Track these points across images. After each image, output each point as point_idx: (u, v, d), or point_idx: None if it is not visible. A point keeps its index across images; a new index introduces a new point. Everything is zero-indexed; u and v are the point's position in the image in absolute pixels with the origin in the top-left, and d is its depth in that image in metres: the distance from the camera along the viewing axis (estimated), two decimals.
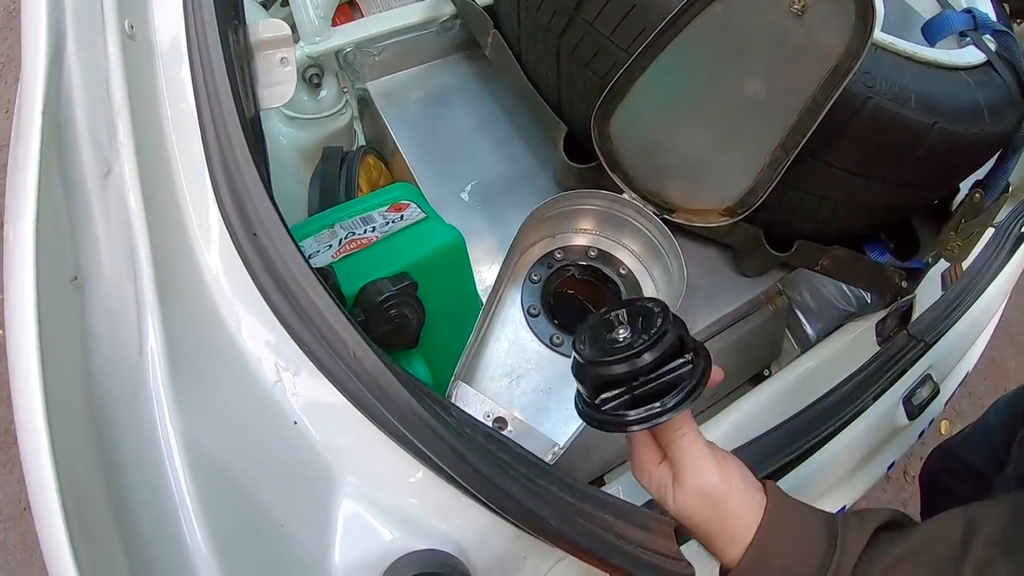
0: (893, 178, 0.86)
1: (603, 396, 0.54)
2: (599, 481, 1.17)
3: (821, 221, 0.94)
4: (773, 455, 1.00)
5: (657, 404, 0.52)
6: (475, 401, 0.78)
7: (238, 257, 0.54)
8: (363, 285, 0.75)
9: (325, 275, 0.71)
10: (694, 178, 0.86)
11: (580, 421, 0.80)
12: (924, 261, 1.06)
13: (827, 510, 1.18)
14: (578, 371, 0.57)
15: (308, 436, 0.52)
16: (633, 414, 0.53)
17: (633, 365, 0.52)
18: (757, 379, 1.31)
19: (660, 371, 0.52)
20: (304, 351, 0.51)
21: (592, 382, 0.55)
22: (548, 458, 0.75)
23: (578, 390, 0.58)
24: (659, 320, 0.54)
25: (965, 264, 1.28)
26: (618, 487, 1.05)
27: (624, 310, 0.59)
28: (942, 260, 1.09)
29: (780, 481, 1.05)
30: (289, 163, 1.25)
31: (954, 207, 1.01)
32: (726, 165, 0.83)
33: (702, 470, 0.55)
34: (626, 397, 0.53)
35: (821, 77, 0.70)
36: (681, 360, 0.53)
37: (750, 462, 1.00)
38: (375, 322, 0.73)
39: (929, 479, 1.41)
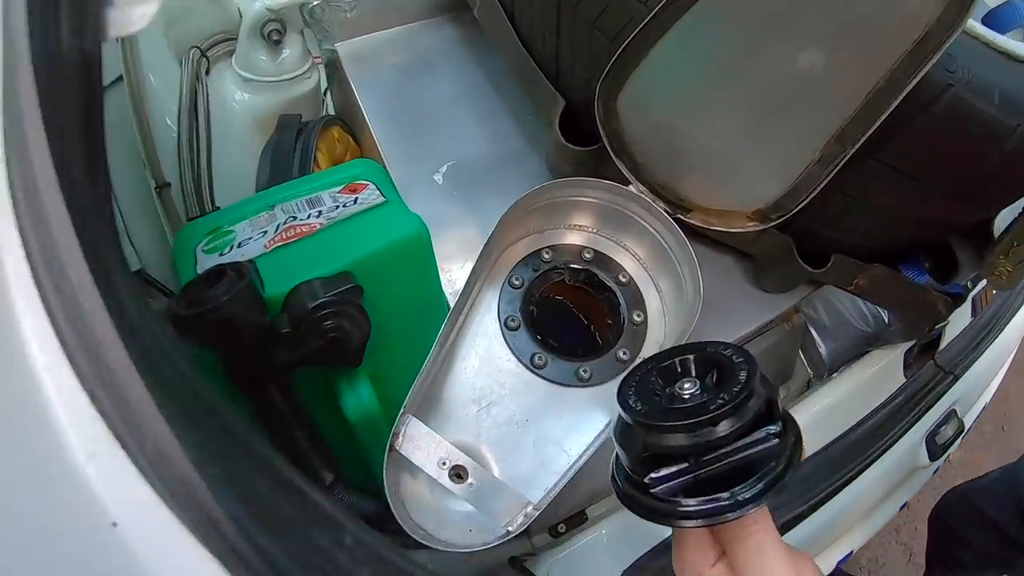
0: (959, 187, 0.72)
1: (655, 475, 0.39)
2: (580, 516, 1.02)
3: (862, 234, 0.79)
4: (786, 504, 0.87)
5: (725, 494, 0.37)
6: (427, 443, 0.62)
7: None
8: (294, 286, 0.58)
9: (240, 272, 0.54)
10: (719, 172, 0.71)
11: (564, 466, 0.65)
12: (963, 285, 0.95)
13: (835, 557, 1.05)
14: (623, 434, 0.42)
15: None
16: (693, 504, 0.38)
17: (705, 435, 0.38)
18: None
19: (737, 446, 0.38)
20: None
21: (641, 451, 0.40)
22: (519, 521, 0.59)
23: (617, 458, 0.44)
24: (742, 375, 0.39)
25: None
26: (601, 529, 0.90)
27: (692, 356, 0.44)
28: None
29: (790, 533, 0.91)
30: (241, 132, 1.08)
31: (996, 226, 0.91)
32: (762, 158, 0.67)
33: None
34: (687, 478, 0.38)
35: (903, 50, 0.55)
36: (765, 433, 0.38)
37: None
38: (306, 335, 0.56)
39: (940, 525, 1.33)
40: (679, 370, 0.43)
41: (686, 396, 0.41)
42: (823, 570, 1.02)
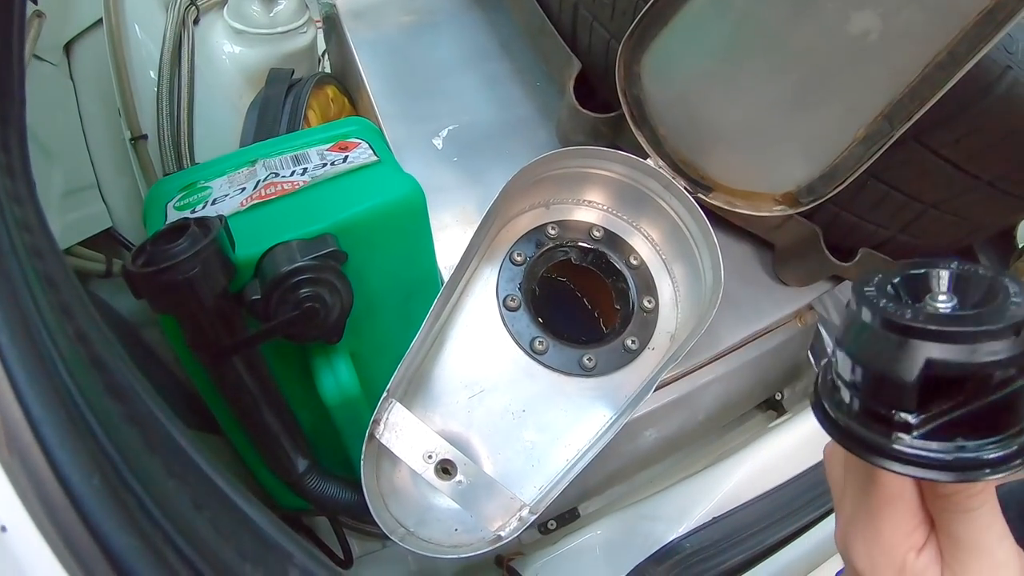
0: (1008, 181, 0.66)
1: (925, 412, 0.28)
2: (572, 513, 0.96)
3: (897, 227, 0.72)
4: (799, 510, 0.81)
5: (994, 441, 0.28)
6: (411, 433, 0.55)
7: None
8: (268, 248, 0.51)
9: (206, 228, 0.47)
10: (749, 148, 0.64)
11: (564, 464, 0.58)
12: None
13: (836, 567, 1.00)
14: (876, 344, 0.30)
15: None
16: (996, 451, 0.28)
17: (1005, 352, 0.27)
18: (768, 404, 1.11)
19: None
20: None
21: (920, 371, 0.28)
22: (512, 526, 0.52)
23: (837, 389, 0.32)
24: (1015, 294, 0.29)
25: None
26: (596, 530, 0.84)
27: (941, 270, 0.32)
28: None
29: (799, 542, 0.86)
30: (229, 87, 1.01)
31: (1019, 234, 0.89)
32: (799, 134, 0.60)
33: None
34: (957, 413, 0.28)
35: (970, 19, 0.48)
36: None
37: (769, 519, 0.80)
38: (278, 304, 0.49)
39: None
40: (933, 281, 0.32)
41: (943, 308, 0.30)
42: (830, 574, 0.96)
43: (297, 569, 0.26)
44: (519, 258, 0.66)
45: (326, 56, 1.18)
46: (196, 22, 0.98)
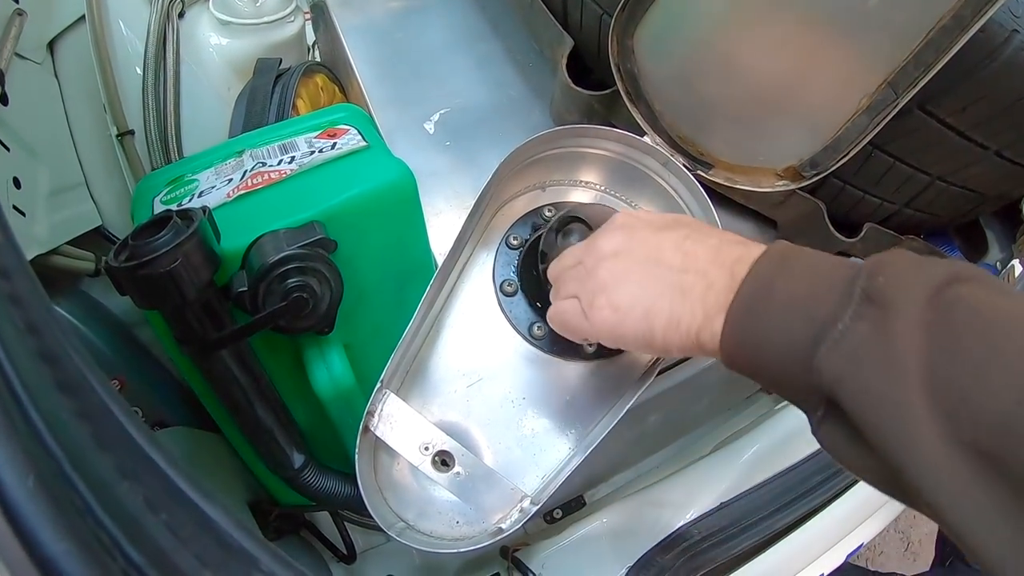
0: (1015, 151, 0.64)
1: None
2: (578, 501, 0.95)
3: (903, 201, 0.70)
4: (808, 492, 0.80)
5: None
6: (407, 424, 0.53)
7: None
8: (255, 238, 0.50)
9: (189, 220, 0.45)
10: (748, 122, 0.62)
11: (566, 453, 0.57)
12: (993, 265, 0.90)
13: (846, 550, 0.99)
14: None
15: None
16: None
17: None
18: None
19: None
20: None
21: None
22: (514, 517, 0.51)
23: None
24: None
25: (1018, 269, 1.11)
26: (602, 519, 0.83)
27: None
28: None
29: (809, 525, 0.85)
30: (216, 80, 1.00)
31: None
32: (801, 106, 0.59)
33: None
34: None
35: None
36: None
37: (777, 503, 0.79)
38: (266, 295, 0.48)
39: None
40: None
41: None
42: (833, 564, 0.95)
43: (263, 575, 0.25)
44: (515, 241, 0.64)
45: (316, 47, 1.16)
46: (181, 15, 0.96)
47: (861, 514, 0.93)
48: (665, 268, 0.44)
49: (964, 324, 0.31)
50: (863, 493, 0.90)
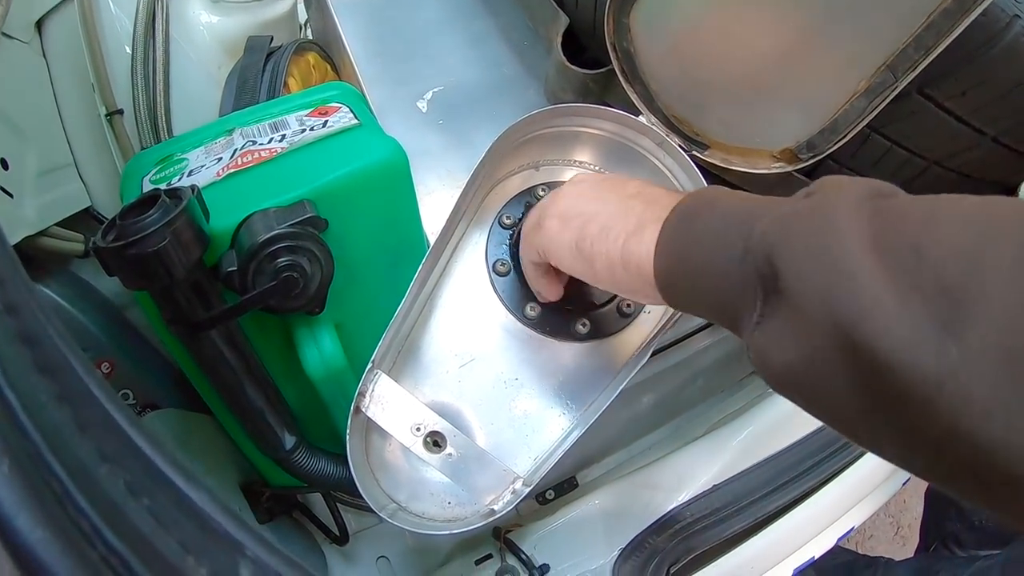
0: (1013, 137, 0.63)
1: None
2: (571, 482, 0.96)
3: (899, 185, 0.69)
4: (801, 475, 0.80)
5: None
6: (398, 405, 0.53)
7: None
8: (244, 217, 0.49)
9: (178, 199, 0.45)
10: (745, 102, 0.61)
11: (559, 434, 0.57)
12: None
13: (837, 533, 1.00)
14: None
15: None
16: None
17: None
18: None
19: None
20: None
21: None
22: (506, 499, 0.51)
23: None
24: None
25: None
26: (594, 500, 0.83)
27: None
28: None
29: (799, 509, 0.85)
30: (207, 59, 0.98)
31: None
32: (799, 87, 0.58)
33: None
34: None
35: None
36: None
37: (770, 486, 0.79)
38: (255, 274, 0.47)
39: (939, 499, 1.31)
40: None
41: None
42: (824, 547, 0.96)
43: (249, 561, 0.24)
44: (509, 220, 0.64)
45: (307, 24, 1.15)
46: None
47: (853, 497, 0.93)
48: (618, 193, 0.47)
49: (899, 206, 0.32)
50: (855, 476, 0.90)
